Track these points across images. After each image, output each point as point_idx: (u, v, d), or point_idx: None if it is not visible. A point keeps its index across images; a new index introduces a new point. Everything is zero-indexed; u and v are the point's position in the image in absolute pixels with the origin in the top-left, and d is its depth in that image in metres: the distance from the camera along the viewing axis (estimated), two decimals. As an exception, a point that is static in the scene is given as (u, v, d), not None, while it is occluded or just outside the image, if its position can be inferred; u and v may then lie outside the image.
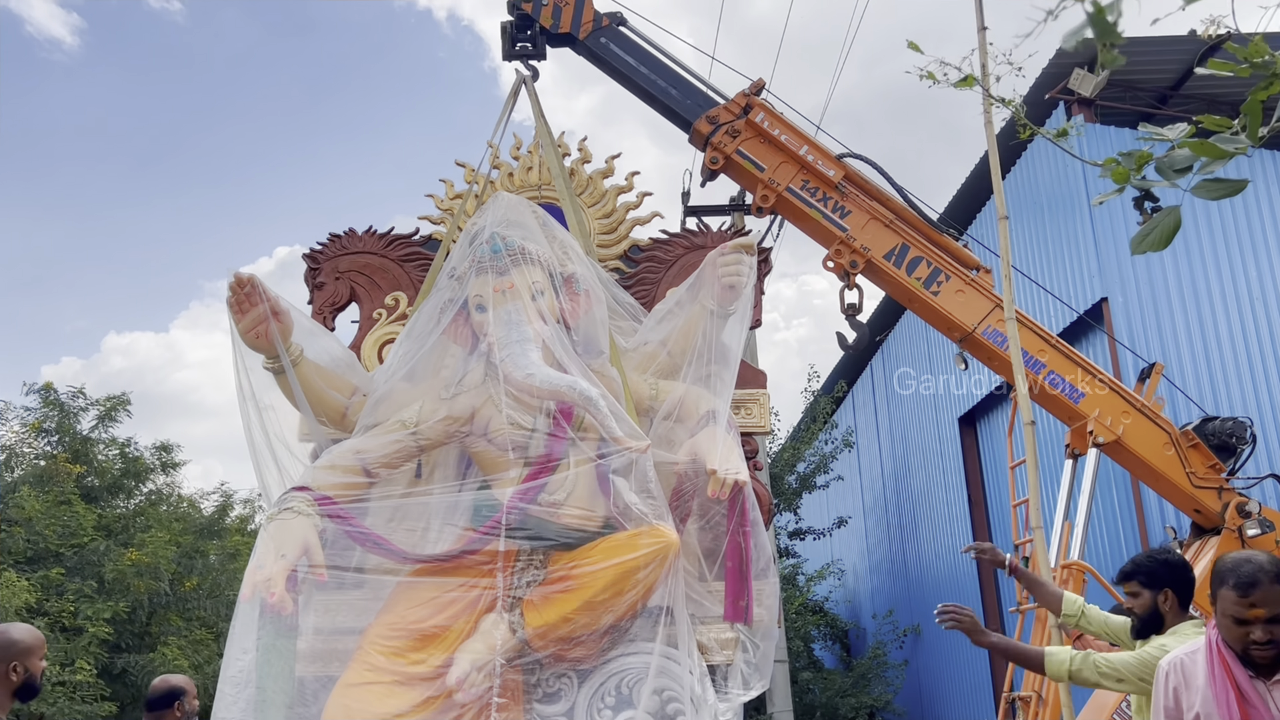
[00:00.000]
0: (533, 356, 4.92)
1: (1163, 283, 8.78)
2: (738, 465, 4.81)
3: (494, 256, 5.18)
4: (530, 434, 4.99)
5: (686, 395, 5.19)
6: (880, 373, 15.75)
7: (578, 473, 4.86)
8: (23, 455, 14.00)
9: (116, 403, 14.51)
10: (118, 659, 12.90)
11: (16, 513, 12.27)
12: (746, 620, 4.89)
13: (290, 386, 5.15)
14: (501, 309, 5.09)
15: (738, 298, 5.26)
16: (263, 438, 5.14)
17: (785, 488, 13.48)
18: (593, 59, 6.63)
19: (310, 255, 6.28)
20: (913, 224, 6.27)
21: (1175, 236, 1.99)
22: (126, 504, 15.08)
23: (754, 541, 4.91)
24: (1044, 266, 10.12)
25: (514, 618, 4.60)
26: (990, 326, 6.06)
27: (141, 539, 13.38)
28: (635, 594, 4.55)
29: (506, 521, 4.71)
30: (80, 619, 11.64)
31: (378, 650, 4.61)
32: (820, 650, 15.50)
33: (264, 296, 5.03)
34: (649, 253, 6.28)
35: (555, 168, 6.15)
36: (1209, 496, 5.93)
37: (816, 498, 15.09)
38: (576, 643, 4.64)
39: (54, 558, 12.40)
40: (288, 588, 4.42)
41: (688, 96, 6.52)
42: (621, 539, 4.68)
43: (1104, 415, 5.98)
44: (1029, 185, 10.31)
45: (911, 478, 14.65)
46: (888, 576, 15.79)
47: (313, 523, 4.64)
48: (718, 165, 6.40)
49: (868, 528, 16.78)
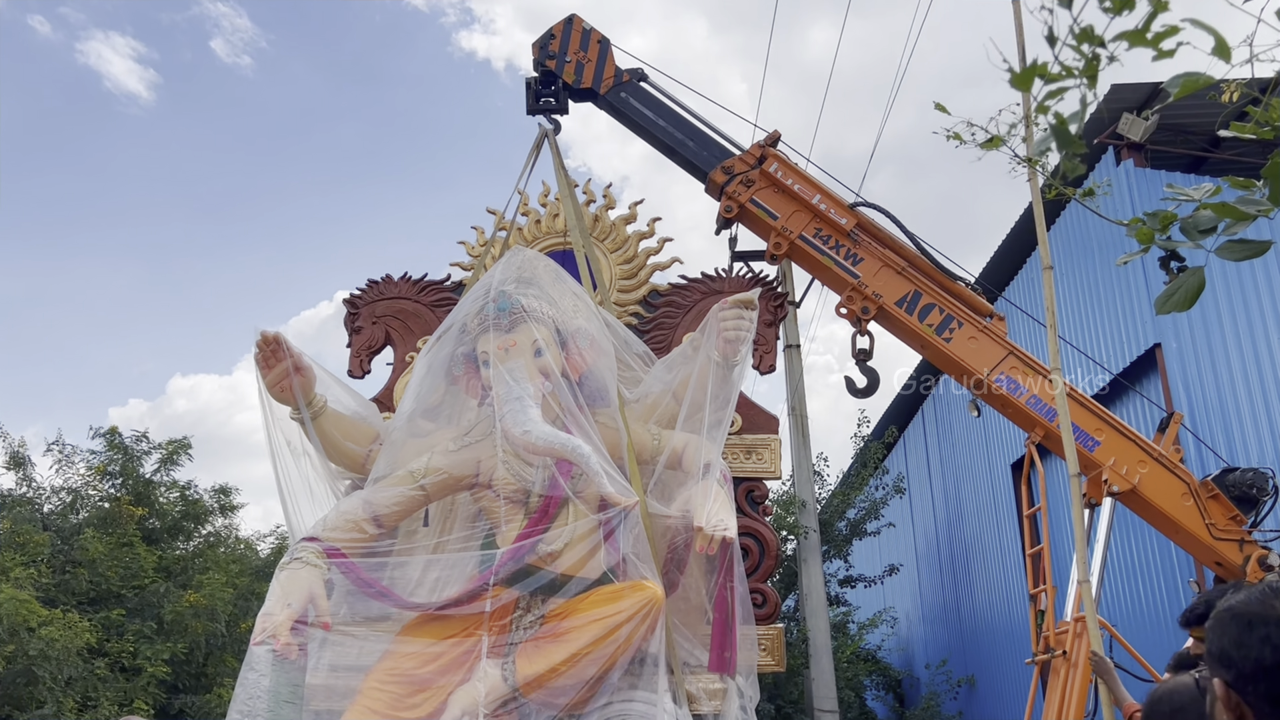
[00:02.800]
0: (531, 414, 5.12)
1: (1218, 328, 8.66)
2: (726, 521, 4.95)
3: (499, 314, 5.40)
4: (530, 486, 5.21)
5: (688, 446, 5.37)
6: (931, 418, 15.61)
7: (575, 524, 5.06)
8: (88, 498, 14.37)
9: (178, 446, 14.86)
10: (175, 700, 13.09)
11: (81, 554, 12.58)
12: (730, 671, 5.03)
13: (309, 436, 5.42)
14: (504, 366, 5.30)
15: (738, 351, 5.42)
16: (289, 485, 5.42)
17: (835, 534, 13.36)
18: (613, 113, 6.81)
19: (349, 301, 6.55)
20: (925, 271, 6.30)
21: (1199, 297, 2.02)
22: (186, 546, 15.37)
23: (739, 595, 5.04)
24: (1096, 312, 10.02)
25: (506, 665, 4.79)
26: (1003, 373, 6.02)
27: (200, 580, 13.62)
28: (620, 646, 4.72)
29: (501, 572, 4.91)
30: (139, 659, 11.86)
31: (376, 695, 4.81)
32: (872, 700, 15.23)
33: (288, 353, 5.34)
34: (667, 298, 6.44)
35: (571, 218, 6.37)
36: (1229, 549, 5.76)
37: (867, 544, 14.91)
38: (565, 691, 4.79)
39: (115, 599, 12.67)
40: (294, 635, 4.68)
41: (704, 148, 6.68)
42: (608, 592, 4.86)
43: (1120, 464, 5.88)
44: (1080, 230, 10.24)
45: (964, 524, 14.44)
46: (941, 625, 15.52)
47: (320, 573, 4.91)
48: (732, 214, 6.53)
49: (920, 575, 16.52)
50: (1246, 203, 1.97)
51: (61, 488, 14.30)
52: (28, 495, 13.83)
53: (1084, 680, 5.38)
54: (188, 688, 13.57)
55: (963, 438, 14.32)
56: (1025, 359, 6.11)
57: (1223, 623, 1.38)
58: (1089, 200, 2.56)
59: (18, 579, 10.39)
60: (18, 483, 13.91)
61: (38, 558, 11.67)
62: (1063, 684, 5.51)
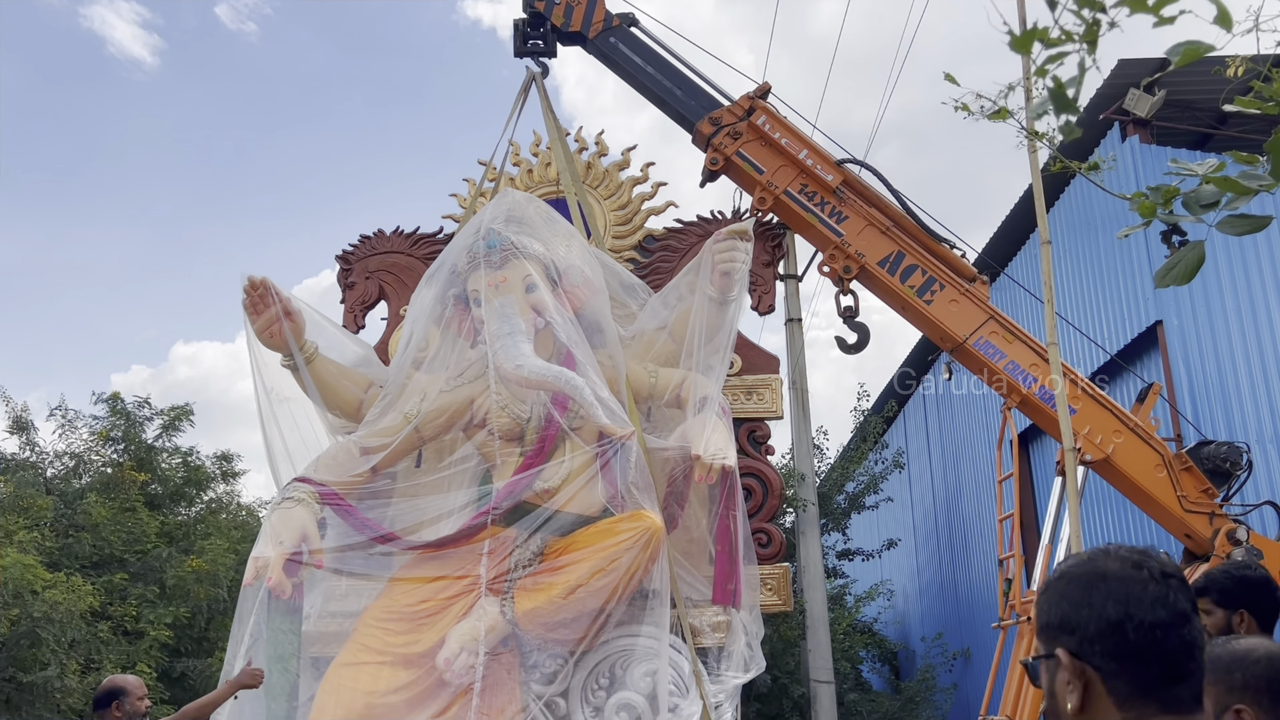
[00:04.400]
0: (524, 348, 5.10)
1: (1219, 305, 8.65)
2: (724, 450, 4.96)
3: (489, 252, 5.37)
4: (525, 424, 5.18)
5: (685, 382, 5.36)
6: (932, 393, 15.63)
7: (573, 460, 5.03)
8: (90, 463, 14.44)
9: (180, 413, 14.93)
10: (177, 663, 13.22)
11: (84, 519, 12.66)
12: (735, 603, 5.03)
13: (304, 382, 5.41)
14: (495, 302, 5.27)
15: (733, 284, 5.39)
16: (277, 433, 5.39)
17: (834, 508, 13.41)
18: (602, 58, 6.76)
19: (342, 257, 6.54)
20: (910, 232, 6.25)
21: (1199, 270, 2.03)
22: (188, 512, 15.47)
23: (741, 527, 5.04)
24: (1098, 288, 10.01)
25: (505, 601, 4.79)
26: (982, 338, 6.00)
27: (202, 546, 13.72)
28: (619, 577, 4.69)
29: (499, 509, 4.90)
30: (142, 623, 11.98)
31: (372, 631, 4.84)
32: (868, 672, 15.35)
33: (276, 298, 5.31)
34: (663, 242, 6.44)
35: (561, 161, 6.34)
36: (1200, 522, 5.76)
37: (866, 518, 14.97)
38: (567, 625, 4.79)
39: (118, 563, 12.78)
40: (287, 573, 4.68)
41: (692, 98, 6.61)
42: (604, 525, 4.86)
43: (1094, 433, 5.85)
44: (1083, 207, 10.21)
45: (963, 500, 14.50)
46: (938, 599, 15.62)
47: (312, 511, 4.89)
48: (717, 166, 6.48)
49: (918, 550, 16.61)
50: (1249, 178, 1.98)
51: (64, 452, 14.37)
52: (31, 460, 13.92)
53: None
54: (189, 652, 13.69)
55: (962, 413, 14.35)
56: (1006, 324, 6.08)
57: (1057, 590, 1.35)
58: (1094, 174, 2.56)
59: (21, 543, 10.46)
60: (21, 447, 13.99)
61: (41, 521, 11.75)
62: (1026, 649, 5.54)
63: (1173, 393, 8.50)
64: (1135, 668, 1.24)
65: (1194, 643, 1.27)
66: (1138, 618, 1.25)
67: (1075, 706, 1.27)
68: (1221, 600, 3.11)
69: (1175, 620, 1.25)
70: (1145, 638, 1.25)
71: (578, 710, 4.78)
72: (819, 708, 10.41)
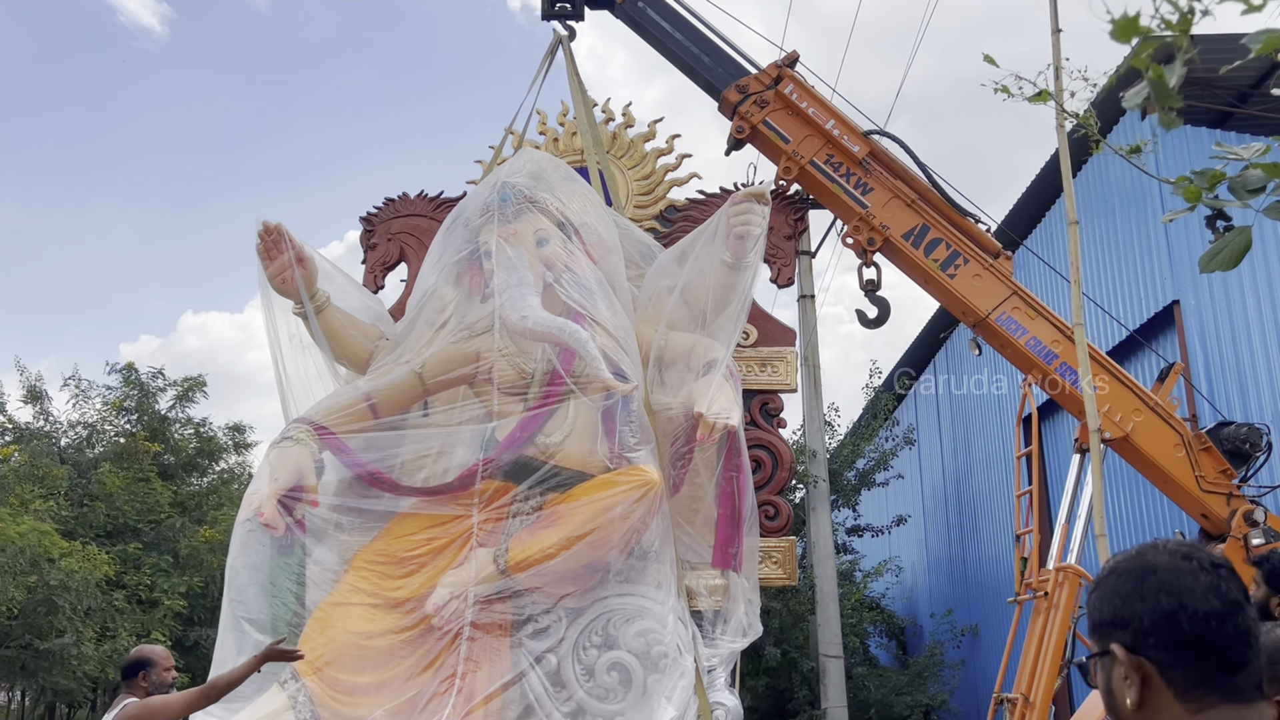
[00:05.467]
0: (530, 300, 5.12)
1: (1237, 285, 8.59)
2: (728, 410, 4.95)
3: (502, 204, 5.42)
4: (531, 377, 5.19)
5: (696, 346, 5.36)
6: (944, 368, 15.60)
7: (576, 415, 5.04)
8: (104, 433, 14.52)
9: (193, 384, 14.99)
10: (190, 632, 13.34)
11: (98, 488, 12.75)
12: (735, 567, 5.04)
13: (313, 330, 5.44)
14: (504, 254, 5.29)
15: (749, 248, 5.36)
16: (287, 378, 5.46)
17: (844, 484, 13.43)
18: (629, 23, 6.70)
19: (366, 218, 6.57)
20: (935, 205, 6.19)
21: (1245, 256, 1.99)
22: (200, 482, 15.57)
23: (745, 490, 5.05)
24: (1115, 266, 9.95)
25: (499, 551, 4.80)
26: (1005, 313, 5.96)
27: (214, 516, 13.82)
28: (614, 530, 4.69)
29: (500, 462, 4.92)
30: (156, 592, 12.08)
31: (364, 573, 4.88)
32: (876, 648, 15.43)
33: (289, 244, 5.33)
34: (684, 212, 6.45)
35: (582, 123, 6.32)
36: (1217, 502, 5.72)
37: (875, 495, 14.99)
38: (561, 577, 4.79)
39: (132, 532, 12.87)
40: (281, 510, 4.72)
41: (720, 65, 6.54)
42: (603, 478, 4.86)
43: (1114, 411, 5.80)
44: (1100, 184, 10.14)
45: (973, 478, 14.50)
46: (946, 576, 15.66)
47: (310, 451, 4.95)
48: (743, 135, 6.42)
49: (927, 526, 16.63)
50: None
51: (78, 422, 14.46)
52: (45, 429, 14.00)
53: (1063, 626, 5.42)
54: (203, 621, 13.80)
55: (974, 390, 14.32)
56: (1029, 300, 6.04)
57: (1108, 586, 1.32)
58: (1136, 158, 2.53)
59: (37, 511, 10.54)
60: (35, 416, 14.07)
61: (56, 491, 11.83)
62: (1042, 627, 5.54)
63: (1189, 372, 8.47)
64: (1193, 658, 1.23)
65: (1249, 631, 1.25)
66: (1191, 608, 1.24)
67: (1134, 701, 1.25)
68: (1269, 579, 3.15)
69: (1229, 609, 1.24)
70: (1200, 627, 1.23)
71: (569, 667, 4.77)
72: (828, 682, 10.48)
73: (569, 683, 4.74)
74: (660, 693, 4.60)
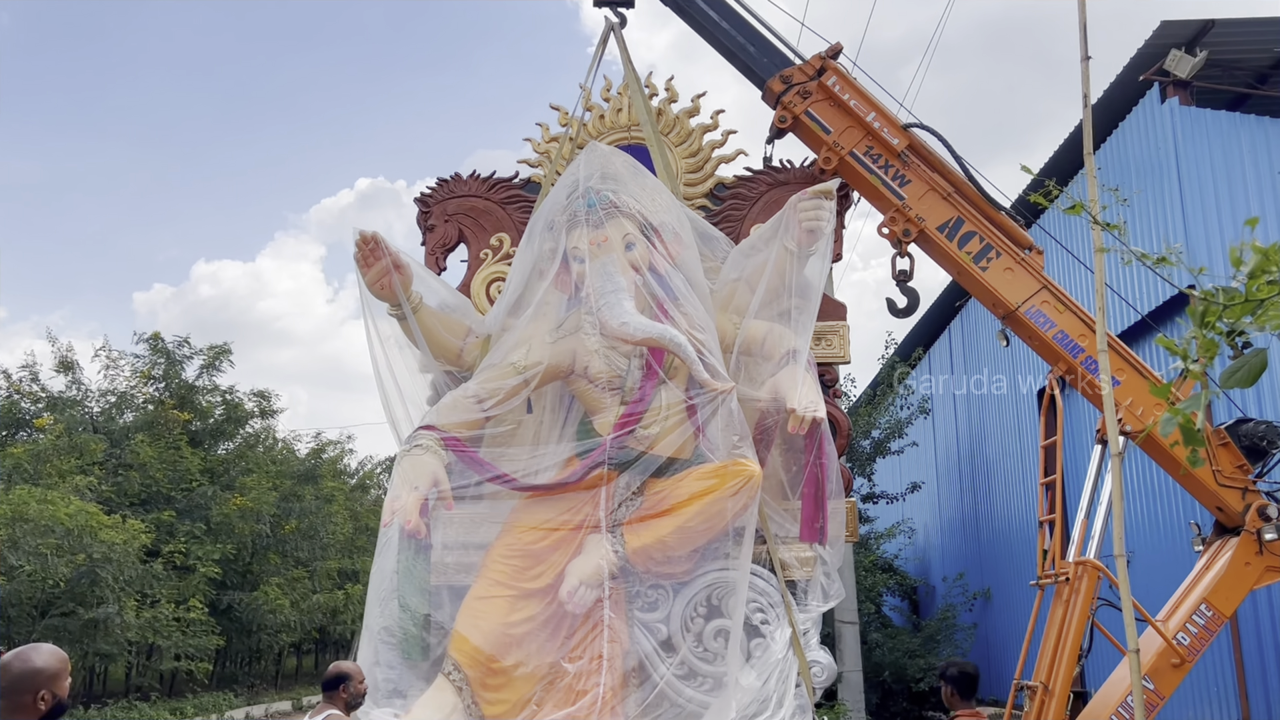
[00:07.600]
0: (627, 305, 5.53)
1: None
2: (816, 402, 5.45)
3: (589, 211, 5.76)
4: (625, 375, 5.66)
5: (770, 333, 5.78)
6: (958, 338, 15.73)
7: (669, 409, 5.53)
8: (133, 400, 14.84)
9: (219, 352, 15.26)
10: (224, 596, 13.77)
11: (132, 458, 13.09)
12: (821, 540, 5.55)
13: (412, 331, 5.85)
14: (597, 261, 5.70)
15: (817, 240, 5.79)
16: (391, 379, 5.88)
17: (859, 453, 13.65)
18: (675, 9, 6.84)
19: (421, 199, 6.80)
20: (970, 198, 6.34)
21: (1261, 375, 2.09)
22: (227, 447, 15.92)
23: (830, 471, 5.54)
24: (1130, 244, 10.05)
25: (615, 539, 5.39)
26: (1034, 306, 6.12)
27: (243, 483, 14.17)
28: (722, 520, 5.27)
29: (612, 458, 5.43)
30: (191, 559, 12.47)
31: (499, 567, 5.44)
32: (888, 609, 15.74)
33: (387, 252, 5.73)
34: (734, 190, 6.70)
35: (643, 114, 6.55)
36: (1233, 496, 5.86)
37: (890, 463, 15.22)
38: (672, 561, 5.41)
39: (165, 500, 13.24)
40: (421, 515, 5.23)
41: (764, 54, 6.68)
42: (709, 469, 5.39)
43: (1136, 404, 5.91)
44: (1118, 161, 10.20)
45: (987, 445, 14.70)
46: (959, 539, 15.92)
47: (440, 458, 5.45)
48: (786, 124, 6.58)
49: (940, 492, 16.87)
50: None
51: (108, 390, 14.78)
52: (77, 398, 14.33)
53: (1081, 619, 5.61)
54: (235, 585, 14.24)
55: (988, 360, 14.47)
56: (1059, 294, 6.16)
57: None
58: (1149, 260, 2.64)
59: (77, 486, 10.87)
60: (67, 386, 14.39)
61: (93, 462, 12.17)
62: (1062, 618, 5.72)
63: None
64: None
65: None
66: None
67: None
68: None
69: None
70: None
71: (679, 636, 5.37)
72: (843, 646, 10.81)
73: (679, 648, 5.34)
74: (754, 658, 5.28)
